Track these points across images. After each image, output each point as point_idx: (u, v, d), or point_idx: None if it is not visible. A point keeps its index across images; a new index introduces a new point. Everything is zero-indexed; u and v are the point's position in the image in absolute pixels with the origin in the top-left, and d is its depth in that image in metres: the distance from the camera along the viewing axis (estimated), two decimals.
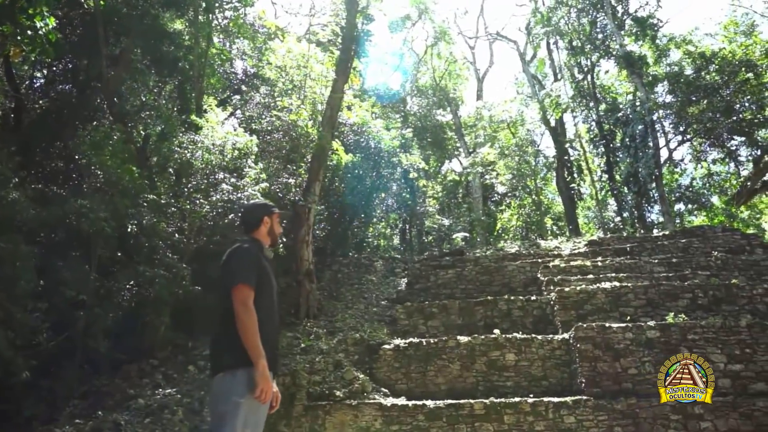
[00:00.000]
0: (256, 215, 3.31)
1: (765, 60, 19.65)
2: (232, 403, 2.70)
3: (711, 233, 13.18)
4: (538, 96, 25.24)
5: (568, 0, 23.94)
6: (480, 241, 23.54)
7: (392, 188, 21.13)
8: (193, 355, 10.10)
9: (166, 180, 14.72)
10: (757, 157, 22.45)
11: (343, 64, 14.50)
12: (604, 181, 22.38)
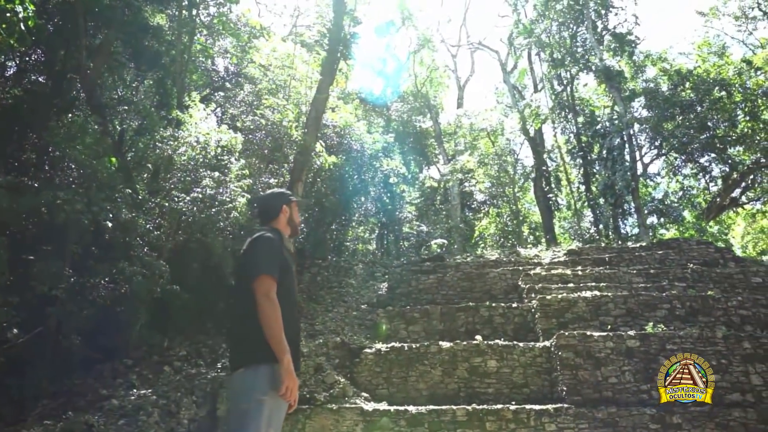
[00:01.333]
0: (275, 204, 3.17)
1: (737, 80, 20.34)
2: (255, 400, 2.55)
3: (686, 246, 13.49)
4: (519, 106, 25.58)
5: (549, 13, 24.37)
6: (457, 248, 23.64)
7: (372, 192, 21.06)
8: (168, 356, 9.80)
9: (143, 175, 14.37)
10: (727, 174, 23.19)
11: (329, 65, 14.40)
12: (581, 192, 22.77)
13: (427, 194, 29.95)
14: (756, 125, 20.22)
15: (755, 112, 20.47)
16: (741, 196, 24.36)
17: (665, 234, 24.82)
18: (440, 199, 29.72)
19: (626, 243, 16.29)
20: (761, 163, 22.12)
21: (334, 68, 14.34)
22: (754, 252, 27.86)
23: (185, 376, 9.01)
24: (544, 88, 25.14)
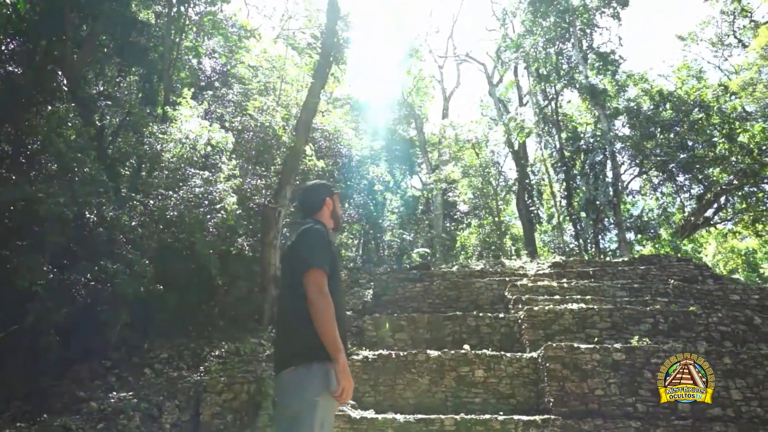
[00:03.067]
0: (318, 196, 3.05)
1: (715, 103, 20.98)
2: (309, 401, 2.43)
3: (666, 262, 13.76)
4: (504, 119, 25.89)
5: (537, 29, 24.79)
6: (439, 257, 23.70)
7: (356, 199, 21.01)
8: (149, 358, 9.51)
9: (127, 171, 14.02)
10: (701, 194, 23.86)
11: (321, 69, 14.34)
12: (563, 207, 23.11)
13: (409, 203, 30.02)
14: (732, 147, 20.87)
15: (732, 135, 21.14)
16: (714, 216, 25.07)
17: (641, 250, 25.36)
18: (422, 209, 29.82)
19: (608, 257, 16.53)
20: (734, 185, 22.83)
21: (326, 72, 14.28)
22: (725, 270, 28.65)
23: (167, 379, 8.75)
24: (530, 102, 25.51)
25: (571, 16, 24.07)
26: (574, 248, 21.60)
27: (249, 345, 9.81)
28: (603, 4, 24.69)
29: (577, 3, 24.33)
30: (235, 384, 8.29)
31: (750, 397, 9.00)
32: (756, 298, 12.01)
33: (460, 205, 27.50)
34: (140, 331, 10.04)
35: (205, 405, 8.04)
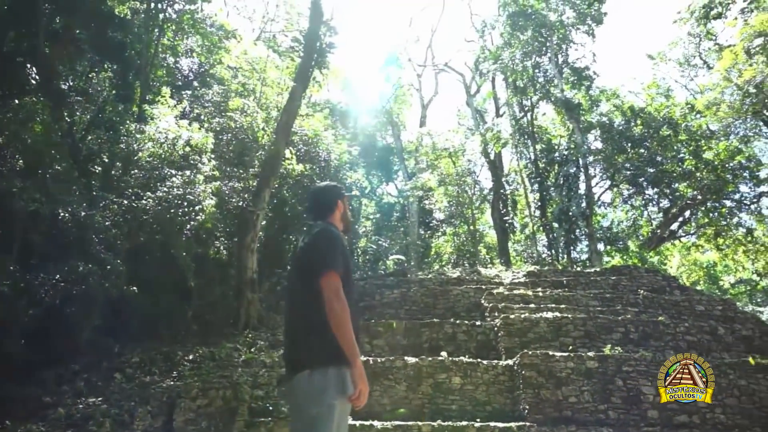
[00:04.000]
0: (330, 198, 3.01)
1: (683, 120, 21.75)
2: (326, 405, 2.39)
3: (636, 273, 14.14)
4: (481, 129, 26.25)
5: (515, 42, 25.27)
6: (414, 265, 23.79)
7: None
8: (120, 362, 9.24)
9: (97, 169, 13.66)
10: (668, 208, 24.65)
11: (303, 73, 14.30)
12: (537, 217, 23.53)
13: (385, 210, 30.09)
14: (698, 164, 21.64)
15: (698, 152, 21.93)
16: (679, 230, 25.91)
17: (610, 261, 25.99)
18: (398, 216, 29.92)
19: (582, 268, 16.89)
20: (698, 200, 23.66)
21: (308, 76, 14.24)
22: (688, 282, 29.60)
23: (139, 384, 8.52)
24: (506, 113, 25.95)
25: (548, 31, 24.64)
26: (546, 258, 21.98)
27: (224, 349, 9.65)
28: (578, 20, 25.35)
29: (554, 19, 24.93)
30: (210, 389, 8.12)
31: (715, 404, 9.27)
32: (719, 309, 12.44)
33: (435, 213, 27.70)
34: (111, 334, 9.76)
35: (179, 411, 7.84)
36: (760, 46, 23.05)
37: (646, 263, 24.01)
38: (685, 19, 26.52)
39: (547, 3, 25.51)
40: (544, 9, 25.05)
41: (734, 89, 23.71)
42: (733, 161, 22.07)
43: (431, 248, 27.33)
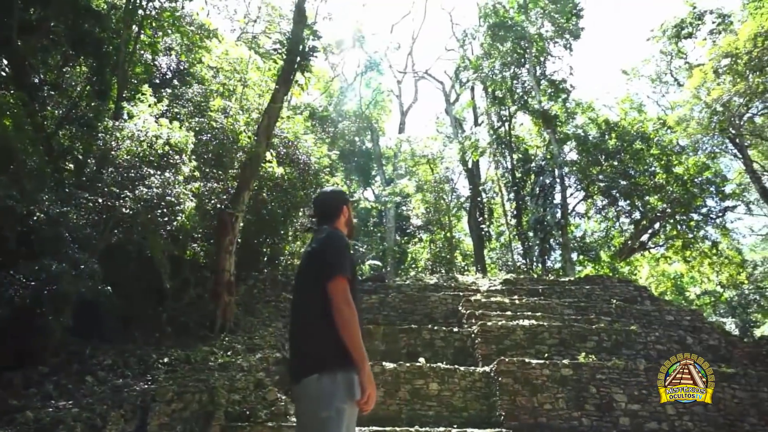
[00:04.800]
0: (336, 203, 3.03)
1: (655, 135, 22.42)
2: (335, 409, 2.39)
3: (609, 283, 14.48)
4: (459, 137, 26.54)
5: (494, 52, 25.68)
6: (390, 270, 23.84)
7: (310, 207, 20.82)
8: (91, 364, 8.98)
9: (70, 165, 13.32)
10: (638, 219, 25.31)
11: (285, 75, 14.19)
12: (513, 226, 23.87)
13: (362, 215, 30.08)
14: (669, 178, 22.30)
15: (669, 166, 22.61)
16: (648, 241, 26.63)
17: (582, 270, 26.52)
18: (375, 221, 29.94)
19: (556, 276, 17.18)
20: (667, 213, 24.38)
21: (290, 78, 14.14)
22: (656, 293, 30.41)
23: (111, 387, 8.29)
24: (484, 122, 26.29)
25: (527, 43, 25.12)
26: (521, 266, 22.30)
27: (200, 353, 9.48)
28: (557, 34, 25.93)
29: (533, 31, 25.43)
30: (186, 393, 7.98)
31: (683, 411, 9.56)
32: (688, 320, 12.84)
33: (413, 219, 27.82)
34: (82, 335, 9.48)
35: (153, 415, 7.68)
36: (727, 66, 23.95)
37: (617, 273, 24.57)
38: (657, 37, 27.41)
39: (527, 16, 26.03)
40: (523, 21, 25.54)
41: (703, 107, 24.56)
42: (701, 176, 22.83)
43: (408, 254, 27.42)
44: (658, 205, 23.06)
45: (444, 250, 24.84)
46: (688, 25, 26.53)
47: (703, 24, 26.53)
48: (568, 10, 25.57)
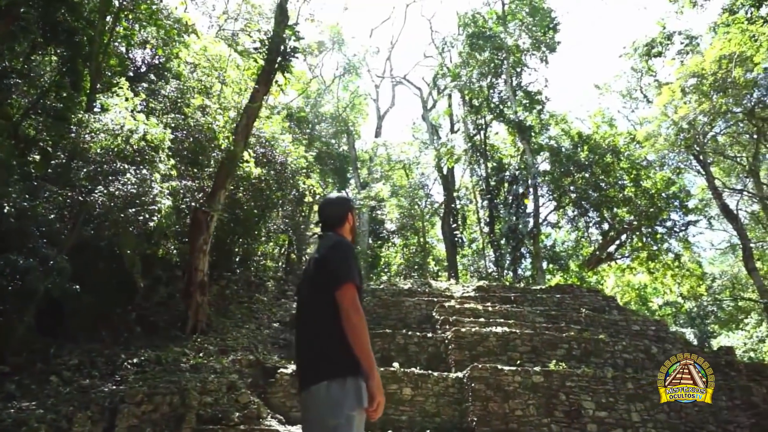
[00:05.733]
0: (341, 210, 3.01)
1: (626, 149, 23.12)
2: (345, 416, 2.39)
3: (579, 292, 14.82)
4: (435, 144, 26.76)
5: (472, 61, 26.03)
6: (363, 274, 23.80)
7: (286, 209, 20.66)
8: (56, 364, 8.70)
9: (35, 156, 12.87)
10: (606, 231, 26.00)
11: (265, 75, 14.09)
12: (486, 233, 24.19)
13: None
14: (637, 191, 23.00)
15: (637, 180, 23.32)
16: (615, 252, 27.35)
17: (551, 279, 27.06)
18: None
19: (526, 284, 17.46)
20: (634, 225, 25.11)
21: (270, 78, 14.04)
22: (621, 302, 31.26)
23: (77, 388, 8.05)
24: (461, 130, 26.58)
25: (505, 54, 25.54)
26: (493, 273, 22.62)
27: (171, 353, 9.29)
28: (533, 46, 26.46)
29: (510, 43, 25.87)
30: (156, 395, 7.81)
31: (647, 419, 9.86)
32: (653, 330, 13.23)
33: (387, 223, 27.89)
34: (47, 333, 9.19)
35: (122, 417, 7.49)
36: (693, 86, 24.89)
37: (585, 283, 25.14)
38: (629, 55, 28.28)
39: (505, 27, 26.48)
40: (501, 32, 25.98)
41: (670, 124, 25.46)
42: (667, 191, 23.60)
43: (381, 258, 27.46)
44: (626, 217, 23.73)
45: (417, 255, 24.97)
46: (658, 45, 27.47)
47: (672, 44, 27.53)
48: (546, 24, 26.14)
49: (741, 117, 25.22)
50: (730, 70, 23.33)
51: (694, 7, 15.93)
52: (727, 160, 27.95)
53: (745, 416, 10.48)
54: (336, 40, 29.91)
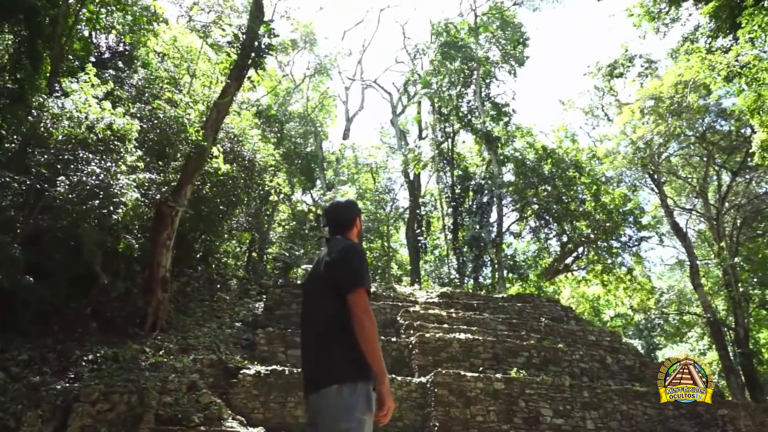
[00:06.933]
0: (351, 214, 2.98)
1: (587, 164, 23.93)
2: (357, 420, 2.37)
3: (539, 302, 15.20)
4: (403, 149, 26.92)
5: (443, 70, 26.38)
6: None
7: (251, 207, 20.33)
8: (3, 359, 8.27)
9: None
10: (565, 243, 26.79)
11: (238, 70, 13.84)
12: (449, 240, 24.49)
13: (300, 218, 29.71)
14: (596, 206, 23.83)
15: (597, 195, 24.17)
16: (572, 264, 28.21)
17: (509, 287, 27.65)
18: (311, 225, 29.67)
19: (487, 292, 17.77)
20: (591, 238, 25.98)
21: (243, 74, 13.81)
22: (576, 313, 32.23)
23: (27, 385, 7.68)
24: (429, 136, 26.85)
25: (475, 65, 26.00)
26: (454, 280, 22.91)
27: (129, 351, 8.98)
28: (503, 59, 27.05)
29: (481, 54, 26.36)
30: (113, 393, 7.54)
31: (601, 426, 10.22)
32: (608, 340, 13.72)
33: None
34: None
35: (75, 416, 7.19)
36: (651, 107, 26.02)
37: (543, 293, 25.79)
38: (593, 74, 29.30)
39: (477, 39, 26.97)
40: (473, 43, 26.44)
41: (629, 142, 26.51)
42: (624, 207, 24.54)
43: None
44: (584, 231, 24.52)
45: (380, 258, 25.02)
46: (620, 66, 28.59)
47: (633, 66, 28.72)
48: (516, 38, 26.77)
49: (693, 140, 26.53)
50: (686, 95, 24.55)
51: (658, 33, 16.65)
52: (679, 180, 29.31)
53: (689, 425, 11.01)
54: (308, 39, 29.68)
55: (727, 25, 13.75)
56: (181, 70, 16.38)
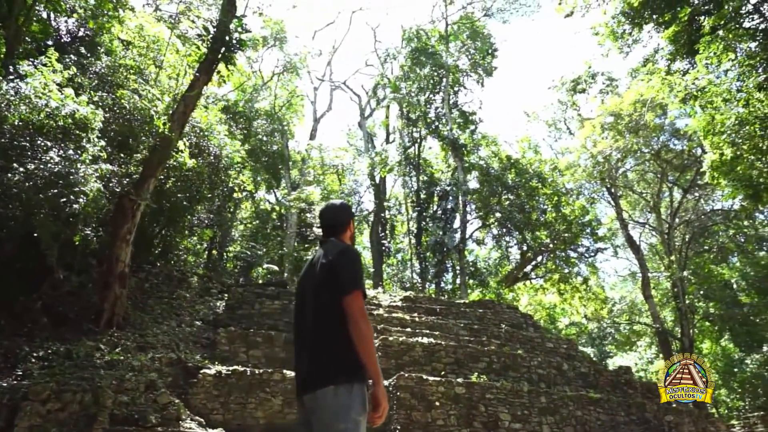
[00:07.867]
0: (343, 218, 2.99)
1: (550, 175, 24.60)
2: (353, 420, 2.37)
3: (499, 308, 15.49)
4: (370, 152, 26.97)
5: (413, 75, 26.63)
6: (287, 276, 23.40)
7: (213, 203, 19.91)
8: None
9: None
10: (525, 251, 27.43)
11: (208, 64, 13.56)
12: (413, 244, 24.67)
13: (262, 217, 29.30)
14: (557, 216, 24.52)
15: (558, 206, 24.87)
16: (531, 272, 28.90)
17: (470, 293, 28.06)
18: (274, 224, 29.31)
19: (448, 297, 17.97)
20: (550, 248, 26.71)
21: (212, 68, 13.55)
22: None
23: None
24: (396, 141, 27.00)
25: (444, 72, 26.35)
26: (416, 284, 23.08)
27: (84, 348, 8.63)
28: (472, 68, 27.53)
29: (450, 62, 26.74)
30: (66, 392, 7.23)
31: (556, 431, 10.50)
32: (564, 348, 14.12)
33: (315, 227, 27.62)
34: None
35: (23, 415, 6.85)
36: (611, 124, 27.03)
37: (502, 299, 26.30)
38: (557, 88, 30.21)
39: (447, 47, 27.36)
40: (443, 51, 26.81)
41: (589, 156, 27.44)
42: (582, 218, 25.34)
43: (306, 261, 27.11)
44: (544, 240, 25.17)
45: None
46: (583, 82, 29.58)
47: (596, 83, 29.77)
48: (485, 48, 27.28)
49: (648, 157, 27.70)
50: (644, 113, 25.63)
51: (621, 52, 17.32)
52: (634, 194, 30.52)
53: (638, 430, 11.44)
54: (279, 37, 29.39)
55: (685, 50, 14.44)
56: (147, 59, 15.91)
